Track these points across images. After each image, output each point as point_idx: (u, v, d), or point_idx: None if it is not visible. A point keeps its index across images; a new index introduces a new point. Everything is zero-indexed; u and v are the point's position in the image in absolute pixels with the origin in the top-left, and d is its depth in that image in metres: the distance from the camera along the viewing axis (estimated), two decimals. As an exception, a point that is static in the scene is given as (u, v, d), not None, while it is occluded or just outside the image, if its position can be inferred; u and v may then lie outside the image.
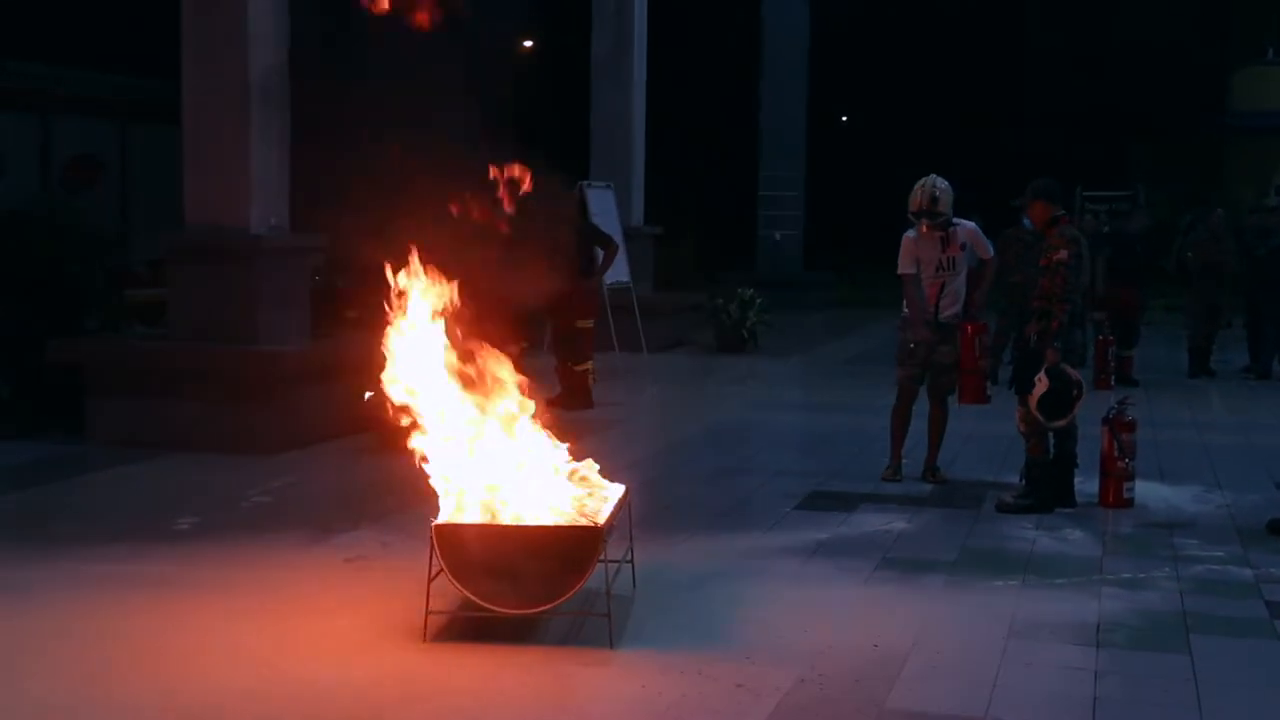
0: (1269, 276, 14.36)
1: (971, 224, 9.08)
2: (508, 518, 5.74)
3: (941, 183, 8.84)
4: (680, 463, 9.92)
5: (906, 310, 8.99)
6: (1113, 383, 13.70)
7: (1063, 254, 8.23)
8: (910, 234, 8.94)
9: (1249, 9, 39.28)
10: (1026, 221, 11.41)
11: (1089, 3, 35.46)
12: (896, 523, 7.96)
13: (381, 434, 7.92)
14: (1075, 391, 8.24)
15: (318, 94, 9.22)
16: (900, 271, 8.98)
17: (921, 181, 8.88)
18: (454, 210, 6.05)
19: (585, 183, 15.70)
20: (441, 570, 5.53)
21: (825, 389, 14.16)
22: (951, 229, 8.88)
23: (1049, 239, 8.33)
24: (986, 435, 10.21)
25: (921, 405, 9.10)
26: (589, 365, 12.18)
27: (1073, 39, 36.80)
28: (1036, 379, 8.18)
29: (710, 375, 15.09)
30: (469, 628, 5.62)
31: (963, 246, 8.94)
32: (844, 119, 39.74)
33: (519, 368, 6.28)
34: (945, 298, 8.92)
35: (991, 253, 9.33)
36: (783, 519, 8.01)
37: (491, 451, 5.98)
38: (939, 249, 8.89)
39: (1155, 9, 35.85)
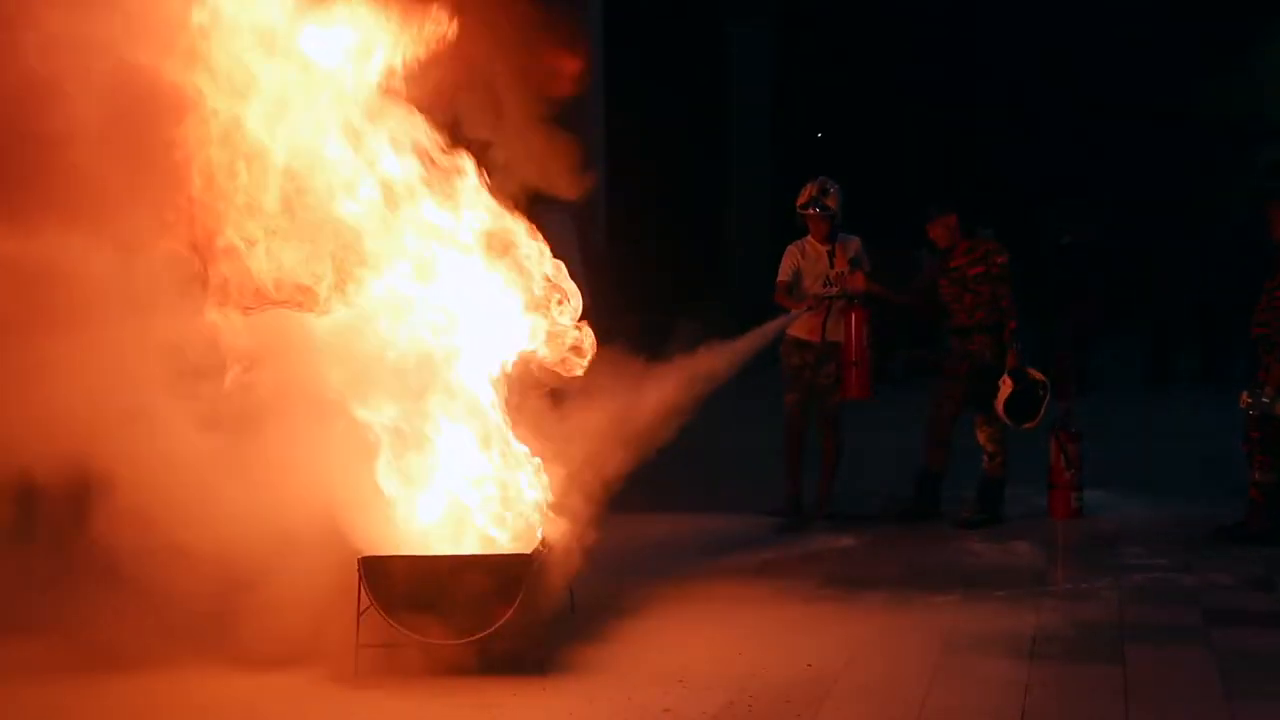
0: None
1: (857, 238, 8.55)
2: (439, 546, 5.71)
3: (834, 183, 8.41)
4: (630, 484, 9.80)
5: (788, 331, 8.40)
6: (1074, 391, 13.71)
7: (1005, 257, 8.29)
8: (795, 244, 8.52)
9: (1219, 12, 39.51)
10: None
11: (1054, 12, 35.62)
12: (845, 540, 7.95)
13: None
14: (1041, 391, 8.21)
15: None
16: (779, 279, 8.44)
17: (812, 179, 8.49)
18: None
19: None
20: (370, 605, 5.51)
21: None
22: (838, 241, 8.44)
23: (979, 248, 8.35)
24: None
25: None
26: None
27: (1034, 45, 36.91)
28: (1000, 382, 8.15)
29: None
30: (399, 661, 5.58)
31: (852, 261, 8.42)
32: (819, 135, 39.68)
33: None
34: (831, 317, 8.33)
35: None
36: (730, 539, 7.99)
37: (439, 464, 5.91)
38: (825, 263, 8.39)
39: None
